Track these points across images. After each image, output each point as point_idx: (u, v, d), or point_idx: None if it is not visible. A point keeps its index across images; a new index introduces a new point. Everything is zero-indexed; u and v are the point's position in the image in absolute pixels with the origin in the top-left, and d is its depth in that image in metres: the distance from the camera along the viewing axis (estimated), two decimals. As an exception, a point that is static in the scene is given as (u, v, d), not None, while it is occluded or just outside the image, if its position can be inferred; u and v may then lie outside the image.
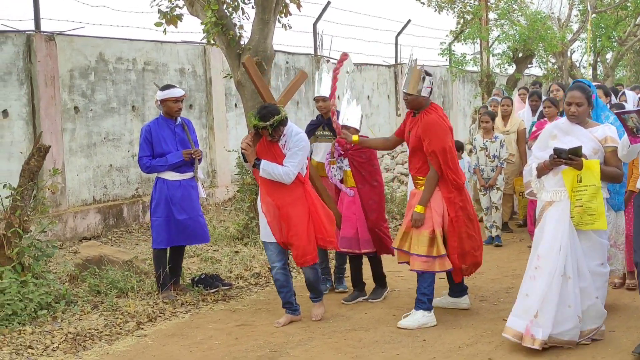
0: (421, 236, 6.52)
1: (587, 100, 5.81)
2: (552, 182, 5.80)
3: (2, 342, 6.12)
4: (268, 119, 6.48)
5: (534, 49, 18.72)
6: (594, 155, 5.72)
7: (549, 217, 5.78)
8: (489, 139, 10.15)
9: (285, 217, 6.59)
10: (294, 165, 6.56)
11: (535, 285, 5.72)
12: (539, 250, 5.77)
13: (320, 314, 6.85)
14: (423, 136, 6.55)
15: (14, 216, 7.30)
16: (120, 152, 11.84)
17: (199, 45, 13.44)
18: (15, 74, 10.20)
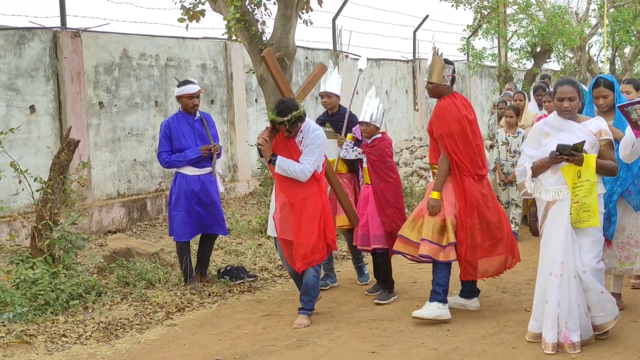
0: (428, 223, 6.46)
1: (578, 94, 5.71)
2: (552, 180, 5.66)
3: (37, 331, 6.29)
4: (286, 114, 6.42)
5: (552, 43, 18.77)
6: (591, 150, 5.61)
7: (553, 217, 5.66)
8: (511, 134, 10.14)
9: (297, 214, 6.47)
10: (310, 162, 6.47)
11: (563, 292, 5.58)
12: (559, 256, 5.58)
13: (305, 325, 6.52)
14: (433, 120, 6.60)
15: (45, 209, 7.46)
16: (144, 146, 12.01)
17: (220, 41, 13.59)
18: (42, 70, 10.38)
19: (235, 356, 5.80)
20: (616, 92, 6.37)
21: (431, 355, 5.69)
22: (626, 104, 5.11)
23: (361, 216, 7.29)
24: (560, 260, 5.58)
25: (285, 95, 6.89)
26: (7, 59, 9.95)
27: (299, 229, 6.45)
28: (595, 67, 24.24)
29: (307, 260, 6.46)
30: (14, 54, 10.04)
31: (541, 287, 5.74)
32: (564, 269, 5.57)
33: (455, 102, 6.57)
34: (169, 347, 6.09)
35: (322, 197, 6.62)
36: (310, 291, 6.60)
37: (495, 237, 6.60)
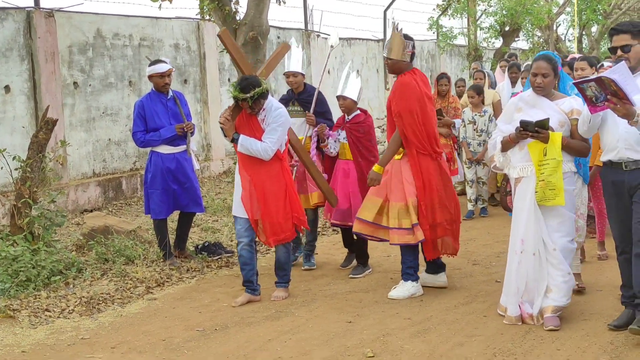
0: (394, 209, 6.48)
1: (553, 71, 5.68)
2: (518, 156, 5.72)
3: (20, 306, 6.41)
4: (248, 90, 6.31)
5: (521, 22, 19.02)
6: (561, 128, 5.61)
7: (517, 195, 5.77)
8: (477, 113, 10.17)
9: (261, 193, 6.45)
10: (272, 141, 6.41)
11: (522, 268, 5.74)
12: (520, 233, 5.72)
13: (282, 297, 6.66)
14: (391, 97, 6.54)
15: (24, 187, 7.56)
16: (118, 126, 12.08)
17: (193, 21, 13.65)
18: (17, 50, 10.40)
19: (216, 327, 5.98)
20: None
21: (406, 324, 5.91)
22: (581, 81, 5.17)
23: (339, 190, 7.28)
24: (521, 238, 5.69)
25: (246, 73, 6.77)
26: (-20, 39, 9.97)
27: (264, 208, 6.45)
28: (563, 46, 24.61)
29: (277, 237, 6.51)
30: (-12, 33, 10.05)
31: (509, 263, 5.88)
32: (524, 245, 5.67)
33: (415, 78, 6.47)
34: (151, 320, 6.25)
35: (286, 176, 6.59)
36: (284, 266, 6.71)
37: (452, 215, 6.64)
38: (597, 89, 5.04)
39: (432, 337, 5.59)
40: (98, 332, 5.96)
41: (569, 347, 5.28)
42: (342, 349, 5.42)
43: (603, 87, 5.00)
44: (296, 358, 5.27)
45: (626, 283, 5.54)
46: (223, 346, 5.56)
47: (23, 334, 5.91)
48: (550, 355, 5.15)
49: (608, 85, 4.96)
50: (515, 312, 5.76)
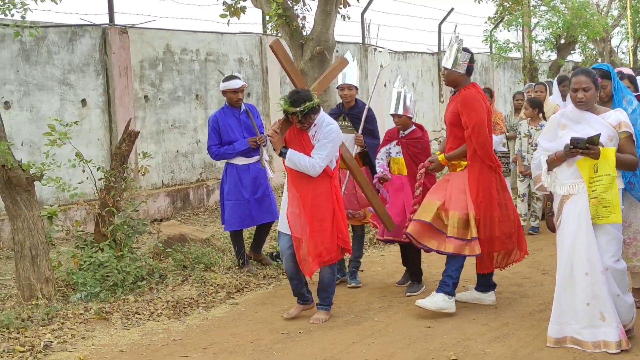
0: (453, 218, 6.45)
1: (594, 84, 5.46)
2: (567, 174, 5.47)
3: (112, 309, 6.73)
4: (299, 104, 6.16)
5: (576, 35, 19.05)
6: (610, 143, 5.39)
7: (568, 212, 5.47)
8: (534, 126, 9.99)
9: (309, 212, 6.26)
10: (321, 157, 6.22)
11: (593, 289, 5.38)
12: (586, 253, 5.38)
13: (323, 320, 6.46)
14: (461, 110, 6.47)
15: (109, 196, 7.90)
16: (186, 138, 12.44)
17: (256, 36, 14.01)
18: (93, 65, 10.83)
19: (300, 331, 6.23)
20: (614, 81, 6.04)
21: (484, 330, 6.10)
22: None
23: (391, 205, 7.18)
24: (587, 258, 5.37)
25: (298, 87, 6.63)
26: (60, 55, 10.41)
27: (311, 228, 6.27)
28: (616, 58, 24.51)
29: (321, 259, 6.31)
30: (67, 50, 10.49)
31: (564, 288, 5.51)
32: (592, 266, 5.37)
33: (479, 91, 6.57)
34: (236, 323, 6.52)
35: (335, 195, 6.40)
36: (327, 288, 6.53)
37: (511, 228, 6.61)
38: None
39: (511, 342, 5.76)
40: (188, 334, 6.25)
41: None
42: (424, 352, 5.62)
43: None
44: (382, 360, 5.49)
45: None
46: (309, 348, 5.80)
47: (117, 334, 6.23)
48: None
49: None
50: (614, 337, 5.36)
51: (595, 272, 5.36)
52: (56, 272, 7.29)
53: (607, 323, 5.35)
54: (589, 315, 5.39)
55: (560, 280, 5.53)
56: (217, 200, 12.63)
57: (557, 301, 5.56)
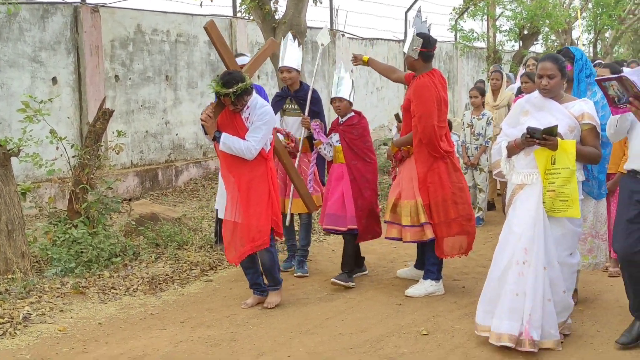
0: (406, 207, 6.59)
1: (560, 71, 5.27)
2: (523, 163, 5.31)
3: (88, 284, 6.82)
4: (231, 85, 5.94)
5: (539, 26, 19.35)
6: (570, 134, 5.22)
7: (520, 202, 5.31)
8: (475, 116, 9.86)
9: (244, 195, 6.12)
10: (256, 140, 6.07)
11: (525, 282, 5.18)
12: (523, 242, 5.21)
13: (275, 302, 6.38)
14: (412, 98, 6.50)
15: (83, 174, 7.97)
16: (155, 119, 12.49)
17: (226, 18, 14.07)
18: (64, 43, 10.83)
19: (275, 307, 6.38)
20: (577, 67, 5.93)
21: (453, 307, 6.32)
22: (604, 79, 4.82)
23: (332, 195, 7.03)
24: (525, 247, 5.20)
25: (231, 68, 6.36)
26: (32, 32, 10.39)
27: (246, 211, 6.13)
28: (577, 50, 24.89)
29: (255, 243, 6.15)
30: (38, 27, 10.47)
31: (496, 275, 5.36)
32: (528, 256, 5.18)
33: (434, 80, 6.52)
34: (211, 299, 6.65)
35: (271, 177, 6.25)
36: (271, 269, 6.37)
37: (468, 211, 6.67)
38: (619, 89, 4.74)
39: (479, 318, 5.98)
40: (165, 308, 6.37)
41: None
42: (396, 327, 5.82)
43: (625, 87, 4.70)
44: (356, 334, 5.67)
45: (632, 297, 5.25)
46: (284, 323, 5.95)
47: (95, 308, 6.33)
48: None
49: (629, 86, 4.66)
50: (511, 330, 5.18)
51: (537, 266, 5.14)
52: (31, 248, 7.35)
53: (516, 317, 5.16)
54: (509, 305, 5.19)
55: (497, 268, 5.35)
56: (186, 181, 12.76)
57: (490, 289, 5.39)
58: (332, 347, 5.39)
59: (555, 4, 19.51)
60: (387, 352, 5.30)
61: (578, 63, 5.91)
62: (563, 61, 5.38)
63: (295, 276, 7.38)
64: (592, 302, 6.42)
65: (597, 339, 5.51)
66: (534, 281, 5.13)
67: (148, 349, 5.38)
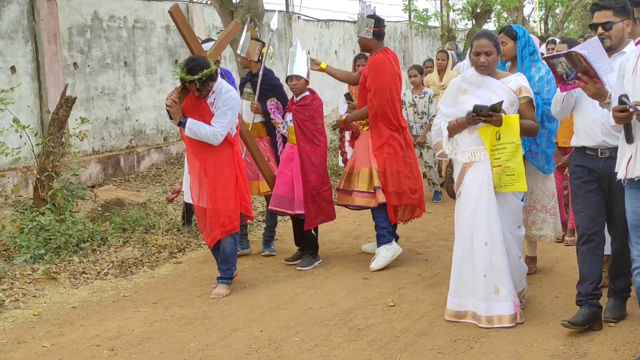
0: (361, 174, 6.84)
1: (495, 48, 5.33)
2: (469, 141, 5.31)
3: (58, 269, 6.92)
4: (196, 72, 5.92)
5: (492, 4, 19.67)
6: (510, 108, 5.29)
7: (470, 180, 5.32)
8: (417, 95, 9.86)
9: (211, 180, 6.15)
10: (222, 125, 6.08)
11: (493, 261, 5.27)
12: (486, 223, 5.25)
13: (224, 294, 6.25)
14: (367, 73, 6.77)
15: (48, 161, 8.02)
16: (115, 105, 12.50)
17: (182, 3, 14.07)
18: (21, 32, 10.79)
19: (245, 285, 6.55)
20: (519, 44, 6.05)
21: (417, 279, 6.55)
22: (551, 56, 4.80)
23: (282, 175, 7.01)
24: (487, 228, 5.24)
25: (196, 53, 6.39)
26: (-12, 21, 10.35)
27: (214, 196, 6.16)
28: (528, 27, 25.34)
29: (225, 228, 6.20)
30: (-5, 16, 10.43)
31: (463, 259, 5.40)
32: (491, 236, 5.25)
33: (388, 57, 6.81)
34: (182, 280, 6.79)
35: (237, 162, 6.28)
36: (228, 259, 6.34)
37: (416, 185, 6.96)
38: (567, 66, 4.71)
39: (443, 289, 6.15)
40: (136, 290, 6.50)
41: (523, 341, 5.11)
42: (364, 300, 6.02)
43: (573, 63, 4.67)
44: (325, 308, 5.86)
45: (584, 277, 5.16)
46: (255, 300, 6.13)
47: (67, 293, 6.44)
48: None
49: (578, 61, 4.63)
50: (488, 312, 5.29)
51: (494, 242, 5.23)
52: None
53: (502, 296, 5.24)
54: (484, 288, 5.26)
55: (459, 250, 5.41)
56: (148, 166, 12.82)
57: (457, 272, 5.43)
58: (302, 322, 5.57)
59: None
60: (356, 323, 5.49)
61: (521, 40, 6.03)
62: (497, 38, 5.48)
63: (263, 255, 7.53)
64: (550, 270, 6.68)
65: (556, 304, 5.76)
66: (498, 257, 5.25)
67: (123, 330, 5.51)
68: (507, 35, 6.05)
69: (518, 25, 6.14)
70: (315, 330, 5.38)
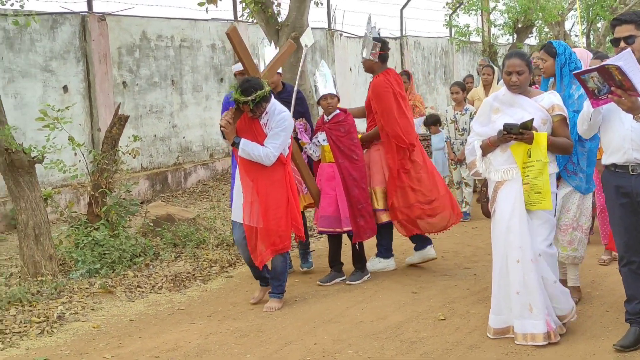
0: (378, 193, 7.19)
1: (527, 67, 5.35)
2: (501, 159, 5.33)
3: (114, 283, 7.11)
4: (250, 93, 6.02)
5: (533, 19, 19.65)
6: (543, 126, 5.29)
7: (502, 199, 5.33)
8: (459, 111, 9.86)
9: (263, 200, 6.21)
10: (275, 146, 6.16)
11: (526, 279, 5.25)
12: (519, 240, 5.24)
13: (276, 308, 6.40)
14: (371, 97, 7.11)
15: (101, 178, 8.25)
16: (163, 123, 12.77)
17: (227, 22, 14.31)
18: (73, 52, 11.10)
19: (296, 299, 6.68)
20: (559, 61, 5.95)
21: (466, 294, 6.62)
22: (582, 71, 4.74)
23: (326, 196, 7.03)
24: (519, 245, 5.25)
25: (251, 74, 6.48)
26: (42, 42, 10.66)
27: (265, 216, 6.21)
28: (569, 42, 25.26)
29: (275, 247, 6.29)
30: (48, 37, 10.74)
31: (501, 276, 5.40)
32: (523, 254, 5.25)
33: (388, 78, 7.05)
34: (234, 293, 6.94)
35: (289, 182, 6.37)
36: (279, 277, 6.48)
37: (429, 196, 7.14)
38: (599, 80, 4.64)
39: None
40: (190, 304, 6.66)
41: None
42: (414, 314, 6.11)
43: (606, 77, 4.59)
44: (376, 322, 5.95)
45: (631, 296, 5.15)
46: (307, 313, 6.24)
47: (124, 306, 6.62)
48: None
49: (612, 75, 4.55)
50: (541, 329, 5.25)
51: (525, 260, 5.22)
52: (56, 251, 7.62)
53: (534, 314, 5.22)
54: (519, 305, 5.25)
55: (496, 268, 5.42)
56: (194, 182, 13.04)
57: (496, 289, 5.43)
58: (355, 335, 5.67)
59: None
60: (407, 336, 5.58)
61: (560, 57, 5.95)
62: (529, 57, 5.50)
63: (302, 271, 7.59)
64: (599, 284, 6.71)
65: (606, 318, 5.79)
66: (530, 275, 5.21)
67: (180, 342, 5.66)
68: (546, 53, 6.00)
69: (559, 42, 6.09)
70: (368, 343, 5.48)
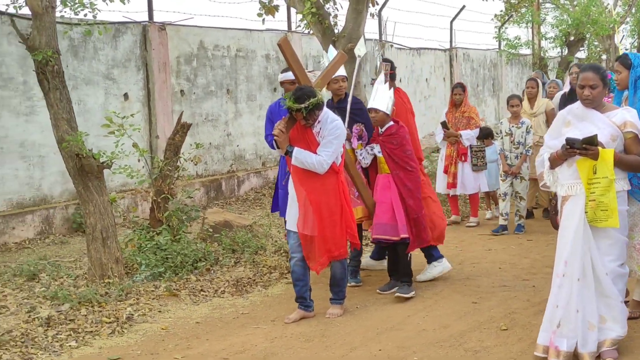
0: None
1: (602, 81, 5.22)
2: (567, 174, 5.30)
3: (178, 286, 7.27)
4: (303, 101, 6.14)
5: (585, 32, 19.56)
6: (612, 143, 5.18)
7: (567, 214, 5.28)
8: (515, 124, 9.89)
9: (317, 208, 6.27)
10: (328, 154, 6.23)
11: (562, 293, 5.24)
12: (564, 255, 5.24)
13: (337, 314, 6.52)
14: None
15: (164, 184, 8.44)
16: (218, 131, 12.97)
17: (282, 33, 14.51)
18: (134, 60, 11.35)
19: (357, 306, 6.78)
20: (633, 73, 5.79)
21: (527, 305, 6.65)
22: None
23: (381, 204, 7.08)
24: (565, 260, 5.21)
25: (303, 84, 6.59)
26: (105, 51, 10.93)
27: (320, 224, 6.28)
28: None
29: (331, 254, 6.36)
30: (111, 46, 11.01)
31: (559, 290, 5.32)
32: (568, 268, 5.20)
33: (400, 95, 7.43)
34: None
35: (342, 190, 6.43)
36: (339, 282, 6.57)
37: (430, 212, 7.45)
38: None
39: (554, 314, 6.30)
40: (253, 308, 6.80)
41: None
42: (476, 323, 6.17)
43: None
44: (439, 330, 6.03)
45: None
46: (369, 320, 6.35)
47: (189, 309, 6.78)
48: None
49: None
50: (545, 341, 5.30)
51: (587, 278, 5.16)
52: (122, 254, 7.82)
53: (595, 332, 5.17)
54: (581, 324, 5.16)
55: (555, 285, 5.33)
56: (247, 190, 13.22)
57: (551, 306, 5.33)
58: (418, 342, 5.76)
59: (600, 10, 19.70)
60: (471, 345, 5.65)
61: (635, 70, 5.79)
62: (604, 70, 5.36)
63: (349, 286, 7.28)
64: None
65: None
66: (568, 293, 5.17)
67: (247, 345, 5.79)
68: (621, 64, 5.88)
69: (635, 54, 5.97)
70: (433, 351, 5.56)
